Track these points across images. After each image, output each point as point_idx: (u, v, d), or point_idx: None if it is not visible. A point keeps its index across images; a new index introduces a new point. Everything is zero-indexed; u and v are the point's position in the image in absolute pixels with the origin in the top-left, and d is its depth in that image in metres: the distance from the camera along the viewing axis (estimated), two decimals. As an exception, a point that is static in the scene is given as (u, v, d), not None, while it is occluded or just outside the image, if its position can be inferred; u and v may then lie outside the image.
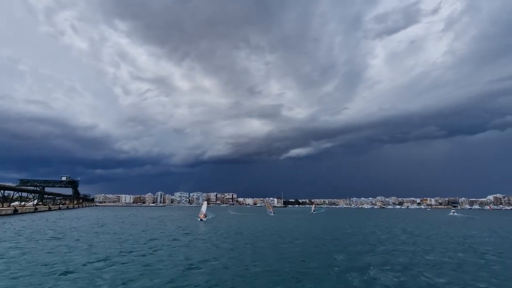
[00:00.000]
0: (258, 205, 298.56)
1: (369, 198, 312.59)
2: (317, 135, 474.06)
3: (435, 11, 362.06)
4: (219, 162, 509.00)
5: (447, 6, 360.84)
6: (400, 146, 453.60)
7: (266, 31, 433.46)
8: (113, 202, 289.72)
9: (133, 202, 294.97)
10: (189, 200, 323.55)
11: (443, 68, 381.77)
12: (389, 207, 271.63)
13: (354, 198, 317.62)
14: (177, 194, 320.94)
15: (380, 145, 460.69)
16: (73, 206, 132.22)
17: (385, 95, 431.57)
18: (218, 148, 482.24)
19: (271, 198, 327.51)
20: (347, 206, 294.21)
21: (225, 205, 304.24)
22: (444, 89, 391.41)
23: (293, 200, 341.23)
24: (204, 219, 49.77)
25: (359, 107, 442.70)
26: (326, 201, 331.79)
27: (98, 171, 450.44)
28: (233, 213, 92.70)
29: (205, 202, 58.54)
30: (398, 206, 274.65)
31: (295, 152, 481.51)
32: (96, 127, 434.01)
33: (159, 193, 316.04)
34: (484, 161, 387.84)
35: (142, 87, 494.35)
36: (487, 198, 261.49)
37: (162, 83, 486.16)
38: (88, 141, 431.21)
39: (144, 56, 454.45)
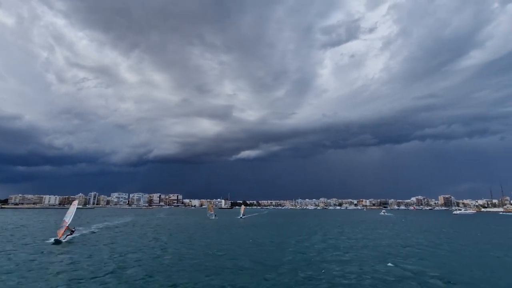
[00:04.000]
0: (204, 206, 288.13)
1: (313, 199, 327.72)
2: (267, 138, 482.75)
3: (372, 30, 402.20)
4: (166, 162, 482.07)
5: (385, 28, 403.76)
6: (341, 152, 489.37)
7: (222, 31, 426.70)
8: (33, 203, 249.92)
9: (59, 204, 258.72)
10: (128, 201, 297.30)
11: (380, 83, 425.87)
12: (330, 208, 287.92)
13: (299, 200, 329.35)
14: (115, 195, 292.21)
15: (324, 150, 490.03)
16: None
17: (330, 103, 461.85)
18: (165, 147, 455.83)
19: (218, 200, 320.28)
20: (292, 207, 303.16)
21: (168, 206, 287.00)
22: (379, 101, 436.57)
23: (240, 202, 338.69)
24: (65, 238, 26.36)
25: (306, 113, 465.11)
26: (273, 202, 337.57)
27: (20, 168, 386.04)
28: (162, 216, 79.58)
29: (74, 205, 30.61)
30: (338, 207, 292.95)
31: (245, 153, 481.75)
32: (21, 117, 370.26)
33: (92, 193, 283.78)
34: (408, 167, 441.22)
35: (80, 75, 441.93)
36: (411, 199, 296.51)
37: (105, 73, 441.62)
38: (8, 134, 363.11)
39: (84, 41, 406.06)
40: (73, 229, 29.18)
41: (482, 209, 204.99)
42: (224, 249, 21.56)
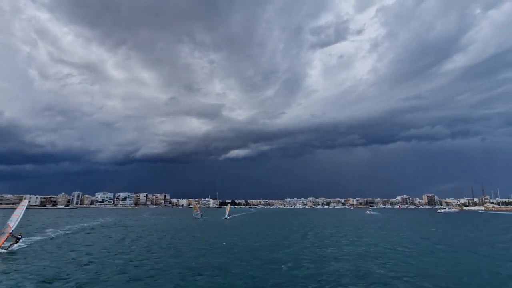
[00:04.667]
0: (192, 206, 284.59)
1: (301, 198, 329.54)
2: (256, 138, 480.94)
3: (360, 31, 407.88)
4: (153, 161, 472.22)
5: (372, 30, 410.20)
6: (329, 152, 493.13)
7: (212, 29, 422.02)
8: (12, 204, 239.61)
9: (41, 204, 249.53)
10: (114, 201, 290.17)
11: (367, 84, 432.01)
12: (318, 207, 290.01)
13: (288, 199, 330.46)
14: (99, 194, 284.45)
15: (313, 150, 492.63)
16: None
17: (319, 103, 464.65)
18: (153, 146, 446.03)
19: (206, 199, 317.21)
20: (281, 207, 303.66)
21: (155, 206, 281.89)
22: (367, 102, 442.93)
23: (229, 201, 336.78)
24: (8, 247, 21.64)
25: (295, 113, 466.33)
26: (262, 201, 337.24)
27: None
28: (145, 216, 77.50)
29: (23, 204, 26.58)
30: (326, 206, 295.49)
31: (234, 153, 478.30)
32: (0, 114, 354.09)
33: (75, 193, 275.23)
34: (394, 167, 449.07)
35: (64, 71, 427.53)
36: (397, 198, 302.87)
37: (91, 69, 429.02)
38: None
39: (69, 37, 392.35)
40: (19, 236, 23.17)
41: (464, 208, 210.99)
42: (183, 254, 19.22)
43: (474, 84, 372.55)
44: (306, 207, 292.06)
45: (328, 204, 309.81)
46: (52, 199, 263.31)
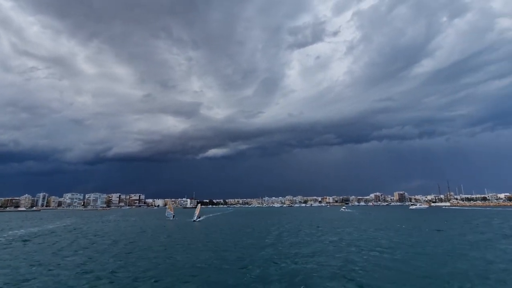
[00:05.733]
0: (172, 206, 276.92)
1: (280, 197, 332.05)
2: (234, 137, 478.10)
3: (335, 33, 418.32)
4: (127, 160, 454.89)
5: (349, 33, 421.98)
6: (306, 151, 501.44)
7: (190, 26, 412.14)
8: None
9: (1, 206, 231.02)
10: (83, 202, 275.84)
11: (343, 85, 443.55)
12: (296, 205, 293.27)
13: (266, 198, 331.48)
14: (68, 195, 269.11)
15: (290, 149, 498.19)
16: None
17: (296, 103, 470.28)
18: (126, 145, 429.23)
19: (183, 199, 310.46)
20: (259, 206, 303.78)
21: (128, 207, 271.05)
22: (343, 103, 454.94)
23: (207, 201, 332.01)
24: None
25: (273, 112, 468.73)
26: (240, 201, 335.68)
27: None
28: (111, 219, 72.12)
29: None
30: (303, 204, 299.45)
31: (212, 152, 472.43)
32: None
33: (41, 194, 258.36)
34: (367, 165, 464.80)
35: (29, 64, 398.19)
36: (370, 196, 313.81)
37: (59, 63, 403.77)
38: None
39: (35, 28, 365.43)
40: None
41: (432, 204, 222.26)
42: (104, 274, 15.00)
43: (440, 88, 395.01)
44: (284, 205, 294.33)
45: (305, 202, 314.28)
46: (14, 201, 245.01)
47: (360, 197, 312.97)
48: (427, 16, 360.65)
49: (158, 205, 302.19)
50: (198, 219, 57.99)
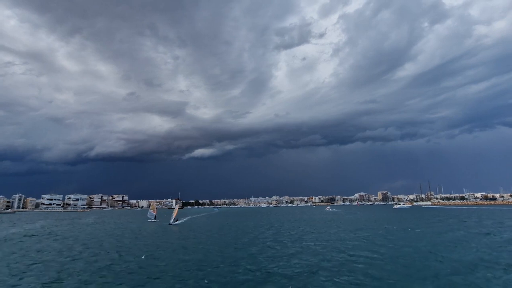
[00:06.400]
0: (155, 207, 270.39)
1: (266, 197, 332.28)
2: (221, 137, 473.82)
3: (321, 35, 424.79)
4: (110, 160, 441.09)
5: (335, 36, 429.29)
6: (292, 151, 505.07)
7: (177, 24, 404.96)
8: None
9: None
10: (63, 204, 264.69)
11: (329, 87, 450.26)
12: (282, 205, 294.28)
13: (253, 198, 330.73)
14: (46, 197, 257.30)
15: (277, 150, 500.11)
16: None
17: (283, 104, 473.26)
18: (109, 144, 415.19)
19: (168, 199, 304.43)
20: (246, 206, 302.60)
21: (110, 208, 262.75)
22: (328, 104, 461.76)
23: (193, 201, 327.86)
24: None
25: (260, 113, 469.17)
26: (227, 201, 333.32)
27: None
28: (87, 221, 68.50)
29: None
30: (290, 204, 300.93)
31: (199, 152, 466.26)
32: None
33: (16, 195, 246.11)
34: (352, 166, 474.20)
35: (4, 60, 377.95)
36: (355, 195, 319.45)
37: (38, 59, 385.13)
38: None
39: (13, 21, 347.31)
40: None
41: (414, 203, 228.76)
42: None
43: (422, 91, 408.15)
44: (271, 205, 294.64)
45: (291, 202, 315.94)
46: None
47: (345, 197, 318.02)
48: (409, 21, 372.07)
49: (142, 206, 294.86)
50: (174, 222, 51.09)
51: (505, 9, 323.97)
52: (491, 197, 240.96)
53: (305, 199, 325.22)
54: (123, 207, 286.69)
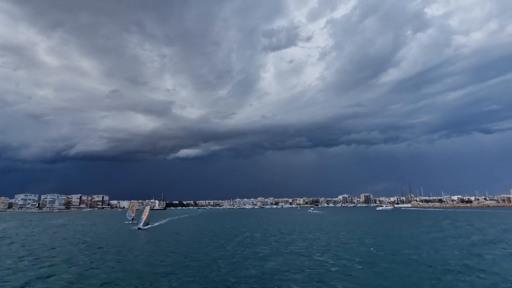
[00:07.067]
0: (136, 208, 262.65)
1: (251, 199, 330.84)
2: (207, 137, 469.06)
3: (308, 39, 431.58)
4: (91, 159, 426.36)
5: (322, 40, 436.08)
6: (278, 153, 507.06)
7: (165, 22, 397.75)
8: None
9: None
10: (38, 204, 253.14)
11: (316, 90, 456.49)
12: (267, 207, 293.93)
13: (238, 199, 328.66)
14: (20, 196, 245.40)
15: (263, 151, 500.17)
16: None
17: (270, 106, 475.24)
18: (91, 143, 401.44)
19: (151, 200, 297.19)
20: (230, 207, 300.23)
21: (89, 209, 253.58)
22: (315, 107, 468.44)
23: (176, 202, 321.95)
24: None
25: (247, 114, 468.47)
26: (211, 202, 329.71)
27: None
28: (56, 222, 63.68)
29: None
30: (274, 206, 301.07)
31: (184, 152, 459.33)
32: None
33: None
34: (337, 168, 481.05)
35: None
36: (338, 197, 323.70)
37: (15, 52, 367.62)
38: None
39: None
40: None
41: (395, 205, 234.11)
42: None
43: (404, 96, 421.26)
44: (256, 207, 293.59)
45: (276, 204, 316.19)
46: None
47: (329, 199, 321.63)
48: (393, 28, 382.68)
49: (124, 207, 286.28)
50: (145, 227, 43.61)
51: (482, 21, 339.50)
52: (467, 199, 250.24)
53: (290, 200, 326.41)
54: (103, 207, 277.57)
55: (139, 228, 41.43)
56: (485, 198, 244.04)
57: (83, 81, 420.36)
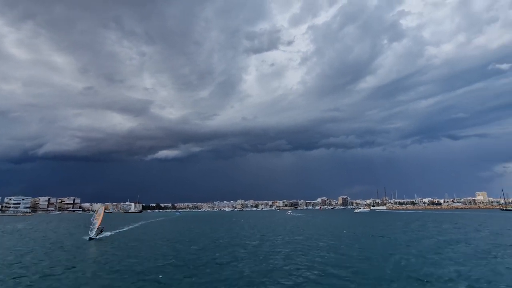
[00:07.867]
0: (108, 211, 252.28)
1: (231, 201, 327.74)
2: (187, 138, 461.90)
3: (290, 43, 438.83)
4: (62, 159, 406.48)
5: (304, 45, 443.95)
6: (259, 155, 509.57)
7: (145, 19, 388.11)
8: None
9: None
10: (1, 207, 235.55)
11: (297, 94, 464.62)
12: (247, 209, 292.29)
13: (217, 202, 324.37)
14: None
15: (243, 153, 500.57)
16: None
17: (251, 108, 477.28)
18: (62, 142, 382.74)
19: (127, 203, 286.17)
20: (210, 210, 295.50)
21: (59, 212, 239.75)
22: (295, 111, 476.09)
23: (153, 205, 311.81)
24: None
25: (228, 116, 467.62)
26: (190, 205, 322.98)
27: None
28: (17, 227, 57.61)
29: None
30: (254, 208, 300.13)
31: (162, 153, 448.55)
32: None
33: None
34: (316, 171, 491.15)
35: None
36: (317, 200, 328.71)
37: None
38: None
39: None
40: None
41: (371, 207, 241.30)
42: None
43: (380, 103, 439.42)
44: (235, 209, 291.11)
45: (256, 206, 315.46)
46: None
47: (308, 201, 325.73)
48: (371, 37, 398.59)
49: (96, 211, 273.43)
50: (98, 236, 32.33)
51: (451, 33, 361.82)
52: (437, 202, 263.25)
53: (270, 203, 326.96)
54: (74, 210, 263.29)
55: (90, 238, 30.43)
56: (453, 201, 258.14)
57: (55, 76, 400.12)
